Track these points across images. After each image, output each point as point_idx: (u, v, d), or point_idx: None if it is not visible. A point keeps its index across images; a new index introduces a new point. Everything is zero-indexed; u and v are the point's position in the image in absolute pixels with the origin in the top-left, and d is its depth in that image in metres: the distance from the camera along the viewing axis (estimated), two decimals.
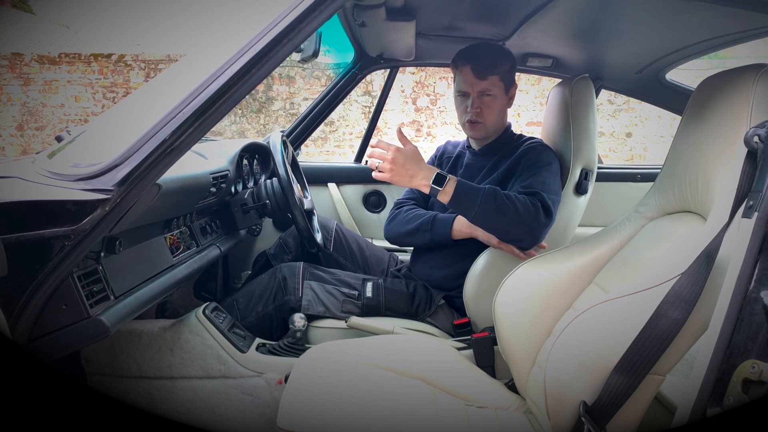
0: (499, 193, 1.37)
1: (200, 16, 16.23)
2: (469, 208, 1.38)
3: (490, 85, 1.57)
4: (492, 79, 1.57)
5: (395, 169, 1.35)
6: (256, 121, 7.73)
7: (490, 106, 1.59)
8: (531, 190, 1.43)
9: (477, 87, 1.57)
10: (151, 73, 7.59)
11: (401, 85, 7.69)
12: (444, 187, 1.36)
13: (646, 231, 1.16)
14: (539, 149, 1.58)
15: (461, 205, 1.39)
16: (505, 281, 1.23)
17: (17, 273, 0.87)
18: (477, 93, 1.58)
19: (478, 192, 1.37)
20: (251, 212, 1.83)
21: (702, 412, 0.68)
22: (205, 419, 1.40)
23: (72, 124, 7.48)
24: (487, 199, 1.35)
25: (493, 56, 1.58)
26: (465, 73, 1.58)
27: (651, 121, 7.74)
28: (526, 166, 1.52)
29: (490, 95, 1.58)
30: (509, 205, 1.35)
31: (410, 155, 1.37)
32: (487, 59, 1.57)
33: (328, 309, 1.55)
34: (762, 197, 0.73)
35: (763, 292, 0.67)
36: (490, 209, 1.35)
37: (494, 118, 1.62)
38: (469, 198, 1.37)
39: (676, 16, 1.37)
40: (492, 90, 1.58)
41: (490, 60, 1.57)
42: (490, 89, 1.57)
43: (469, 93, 1.59)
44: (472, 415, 1.12)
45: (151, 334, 1.42)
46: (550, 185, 1.47)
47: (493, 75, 1.56)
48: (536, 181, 1.45)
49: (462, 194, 1.37)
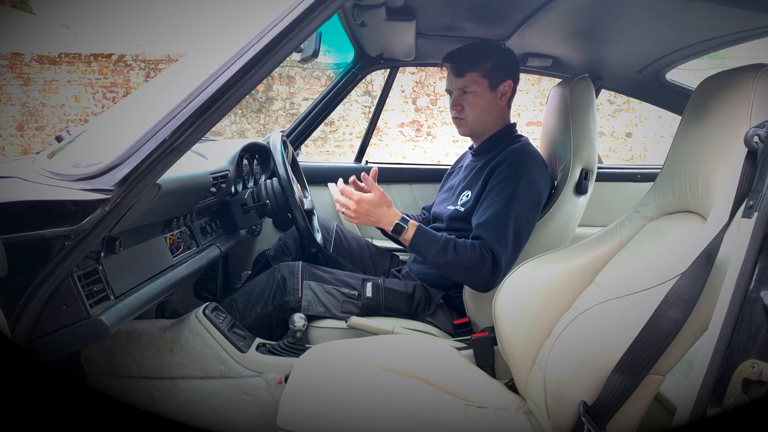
0: (450, 248, 1.43)
1: (200, 16, 16.24)
2: (424, 256, 1.49)
3: (468, 82, 1.59)
4: (471, 76, 1.58)
5: (359, 216, 1.47)
6: (256, 121, 7.73)
7: (470, 103, 1.61)
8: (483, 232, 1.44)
9: (456, 84, 1.61)
10: (151, 73, 7.59)
11: (401, 85, 7.69)
12: (403, 235, 1.47)
13: (646, 231, 1.16)
14: (513, 161, 1.53)
15: (418, 252, 1.50)
16: (505, 281, 1.23)
17: (17, 273, 0.87)
18: (457, 90, 1.62)
19: (432, 244, 1.46)
20: (251, 212, 1.83)
21: (702, 412, 0.68)
22: (205, 419, 1.40)
23: (72, 124, 7.48)
24: (438, 253, 1.44)
25: (473, 54, 1.61)
26: (447, 71, 1.64)
27: (651, 121, 7.74)
28: (496, 184, 1.50)
29: (470, 92, 1.60)
30: (457, 259, 1.42)
31: (373, 203, 1.46)
32: (466, 57, 1.60)
33: (327, 309, 1.55)
34: (762, 197, 0.73)
35: (763, 292, 0.67)
36: (441, 261, 1.44)
37: (477, 114, 1.62)
38: (424, 248, 1.47)
39: (676, 16, 1.37)
40: (471, 87, 1.59)
41: (468, 57, 1.60)
42: (469, 86, 1.59)
43: (451, 90, 1.64)
44: (472, 415, 1.12)
45: (151, 334, 1.42)
46: (512, 214, 1.45)
47: (471, 72, 1.58)
48: (495, 213, 1.45)
49: (418, 244, 1.47)
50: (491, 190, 1.51)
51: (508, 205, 1.46)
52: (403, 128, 7.87)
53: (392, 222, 1.47)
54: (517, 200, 1.47)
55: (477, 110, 1.62)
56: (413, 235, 1.47)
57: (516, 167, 1.51)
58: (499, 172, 1.52)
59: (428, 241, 1.46)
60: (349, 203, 1.46)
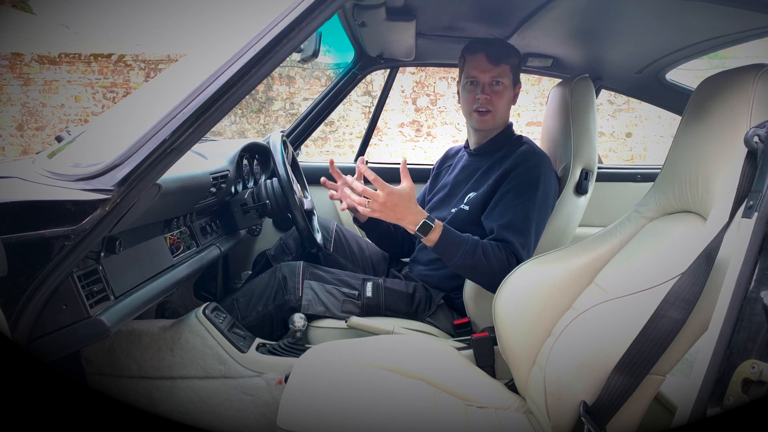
0: (478, 250, 1.38)
1: (200, 17, 16.24)
2: (449, 258, 1.41)
3: (501, 73, 1.57)
4: (504, 68, 1.57)
5: (384, 211, 1.32)
6: (256, 121, 7.73)
7: (500, 95, 1.59)
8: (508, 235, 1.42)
9: (489, 73, 1.56)
10: (151, 73, 7.59)
11: (401, 85, 7.69)
12: (428, 235, 1.36)
13: (646, 231, 1.16)
14: (530, 165, 1.51)
15: (442, 254, 1.41)
16: (505, 281, 1.23)
17: (17, 273, 0.87)
18: (488, 80, 1.57)
19: (459, 246, 1.38)
20: (251, 212, 1.84)
21: (702, 412, 0.68)
22: (205, 419, 1.40)
23: (72, 124, 7.48)
24: (466, 255, 1.38)
25: (506, 47, 1.62)
26: (478, 59, 1.57)
27: (651, 121, 7.74)
28: (512, 187, 1.49)
29: (501, 84, 1.58)
30: (485, 263, 1.38)
31: (403, 197, 1.32)
32: (501, 48, 1.60)
33: (328, 309, 1.55)
34: (762, 197, 0.73)
35: (763, 292, 0.67)
36: (468, 264, 1.39)
37: (503, 109, 1.61)
38: (450, 250, 1.38)
39: (676, 16, 1.37)
40: (502, 79, 1.58)
41: (504, 49, 1.59)
42: (501, 78, 1.57)
43: (479, 81, 1.58)
44: (472, 415, 1.12)
45: (151, 334, 1.42)
46: (533, 218, 1.45)
47: (505, 64, 1.57)
48: (517, 217, 1.44)
49: (444, 246, 1.38)
50: (508, 192, 1.48)
51: (529, 208, 1.46)
52: (403, 128, 7.87)
53: (418, 220, 1.34)
54: (537, 204, 1.47)
55: (503, 104, 1.60)
56: (440, 236, 1.36)
57: (533, 171, 1.50)
58: (515, 175, 1.50)
59: (455, 242, 1.38)
60: (378, 195, 1.30)
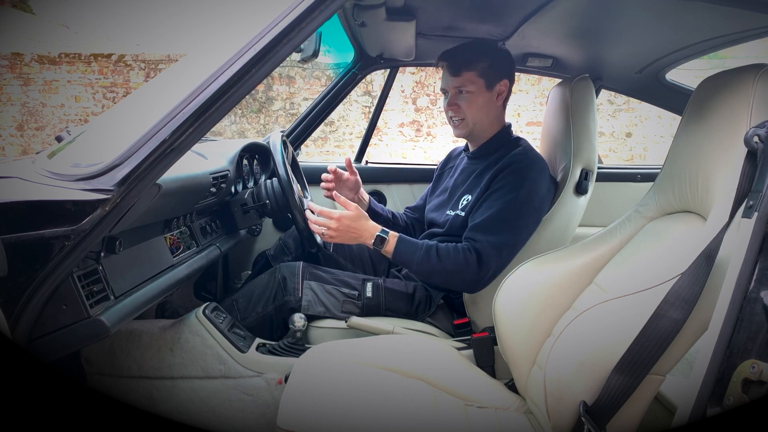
0: (432, 253, 1.44)
1: (200, 16, 16.24)
2: (408, 266, 1.49)
3: (465, 81, 1.56)
4: (467, 75, 1.56)
5: (340, 234, 1.44)
6: (256, 121, 7.73)
7: (468, 102, 1.58)
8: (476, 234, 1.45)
9: (452, 83, 1.59)
10: (151, 73, 7.59)
11: (401, 85, 7.69)
12: (385, 247, 1.46)
13: (646, 231, 1.16)
14: (518, 167, 1.51)
15: (402, 263, 1.49)
16: (505, 281, 1.23)
17: (17, 273, 0.87)
18: (453, 90, 1.59)
19: (415, 252, 1.46)
20: (251, 212, 1.83)
21: (702, 412, 0.68)
22: (205, 419, 1.40)
23: (72, 124, 7.48)
24: (421, 261, 1.45)
25: (469, 53, 1.58)
26: (443, 71, 1.63)
27: (651, 121, 7.75)
28: (497, 188, 1.50)
29: (468, 92, 1.57)
30: (439, 264, 1.43)
31: (352, 219, 1.44)
32: (462, 56, 1.58)
33: (328, 309, 1.55)
34: (762, 197, 0.73)
35: (763, 292, 0.67)
36: (425, 269, 1.46)
37: (475, 114, 1.59)
38: (408, 258, 1.46)
39: (676, 16, 1.37)
40: (467, 86, 1.56)
41: (465, 56, 1.57)
42: (466, 85, 1.56)
43: (447, 91, 1.62)
44: (472, 415, 1.12)
45: (151, 334, 1.42)
46: (509, 218, 1.46)
47: (468, 71, 1.56)
48: (492, 217, 1.46)
49: (401, 254, 1.46)
50: (492, 194, 1.50)
51: (505, 209, 1.46)
52: (403, 128, 7.87)
53: (373, 234, 1.45)
54: (517, 205, 1.47)
55: (475, 110, 1.59)
56: (395, 245, 1.45)
57: (519, 173, 1.50)
58: (502, 177, 1.50)
59: (411, 249, 1.45)
60: (329, 223, 1.42)
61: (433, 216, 1.72)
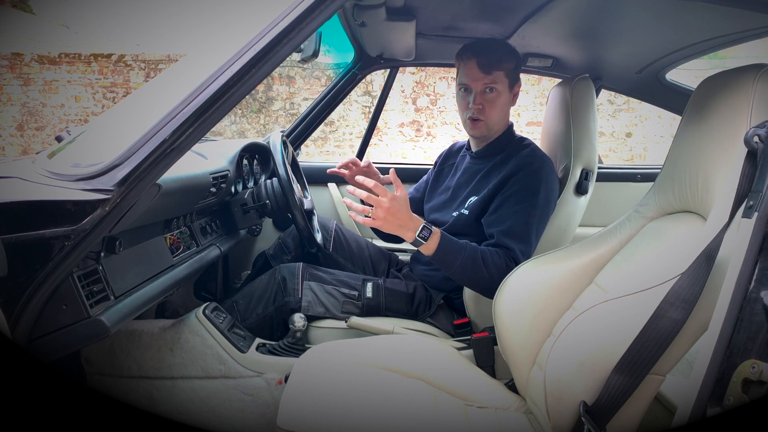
0: (477, 257, 1.36)
1: (200, 16, 16.24)
2: (448, 266, 1.38)
3: (494, 80, 1.52)
4: (497, 75, 1.52)
5: (388, 218, 1.28)
6: (256, 121, 7.73)
7: (493, 102, 1.54)
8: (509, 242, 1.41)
9: (481, 82, 1.52)
10: (151, 73, 7.59)
11: (401, 85, 7.69)
12: (427, 242, 1.33)
13: (646, 231, 1.16)
14: (531, 169, 1.49)
15: (441, 262, 1.38)
16: (505, 281, 1.23)
17: (17, 273, 0.87)
18: (480, 88, 1.53)
19: (458, 253, 1.36)
20: (251, 212, 1.84)
21: (702, 412, 0.68)
22: (205, 419, 1.40)
23: (72, 124, 7.48)
24: (465, 262, 1.36)
25: (500, 51, 1.54)
26: (469, 67, 1.54)
27: (651, 121, 7.74)
28: (514, 192, 1.47)
29: (494, 91, 1.53)
30: (484, 270, 1.36)
31: (404, 204, 1.30)
32: (493, 54, 1.52)
33: (328, 309, 1.55)
34: (762, 197, 0.73)
35: (763, 292, 0.67)
36: (467, 273, 1.37)
37: (496, 115, 1.57)
38: (449, 258, 1.36)
39: (676, 16, 1.37)
40: (496, 86, 1.52)
41: (496, 55, 1.53)
42: (494, 85, 1.52)
43: (472, 88, 1.55)
44: (472, 415, 1.12)
45: (151, 334, 1.42)
46: (533, 224, 1.44)
47: (498, 70, 1.52)
48: (518, 223, 1.43)
49: (443, 253, 1.35)
50: (509, 198, 1.47)
51: (530, 214, 1.44)
52: (403, 128, 7.87)
53: (418, 226, 1.31)
54: (538, 210, 1.46)
55: (497, 110, 1.56)
56: (439, 242, 1.34)
57: (536, 175, 1.48)
58: (517, 179, 1.48)
59: (454, 249, 1.36)
60: (382, 201, 1.26)
61: (436, 216, 1.70)
